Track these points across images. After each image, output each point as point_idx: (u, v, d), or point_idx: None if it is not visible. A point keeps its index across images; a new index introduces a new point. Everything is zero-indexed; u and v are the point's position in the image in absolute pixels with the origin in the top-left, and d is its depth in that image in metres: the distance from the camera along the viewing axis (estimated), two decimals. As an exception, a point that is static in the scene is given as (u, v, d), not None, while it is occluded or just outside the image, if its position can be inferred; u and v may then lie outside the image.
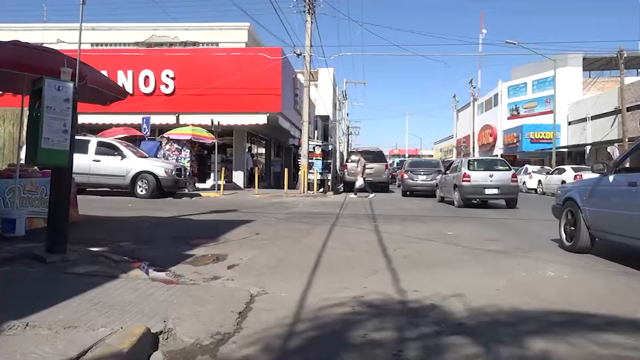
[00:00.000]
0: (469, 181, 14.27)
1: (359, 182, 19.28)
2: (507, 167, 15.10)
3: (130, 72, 21.00)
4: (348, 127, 58.36)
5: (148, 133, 19.27)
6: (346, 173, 23.33)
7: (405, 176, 20.68)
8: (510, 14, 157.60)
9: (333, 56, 34.86)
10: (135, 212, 10.72)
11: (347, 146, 52.33)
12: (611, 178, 5.86)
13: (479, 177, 14.30)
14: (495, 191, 14.22)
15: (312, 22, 20.51)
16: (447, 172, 16.88)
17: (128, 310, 3.27)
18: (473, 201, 14.74)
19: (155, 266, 5.02)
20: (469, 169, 14.65)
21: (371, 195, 18.22)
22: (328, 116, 34.99)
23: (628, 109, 25.59)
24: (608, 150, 25.98)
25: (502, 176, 14.47)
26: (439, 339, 3.01)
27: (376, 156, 23.55)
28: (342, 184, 25.13)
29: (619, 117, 26.71)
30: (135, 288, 3.90)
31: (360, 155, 20.83)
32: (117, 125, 19.99)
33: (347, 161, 24.14)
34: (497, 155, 37.27)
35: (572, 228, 6.50)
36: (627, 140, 24.58)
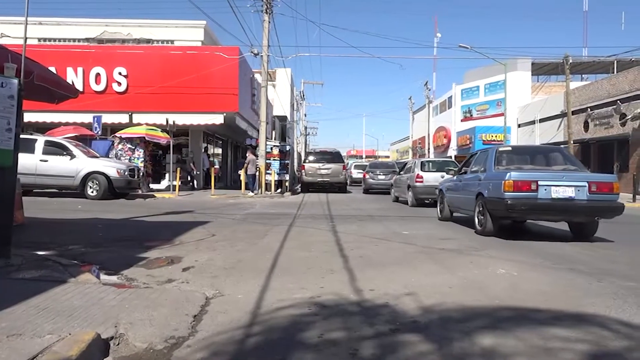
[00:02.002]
0: (422, 182, 14.61)
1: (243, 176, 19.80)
2: (459, 169, 15.56)
3: (80, 69, 20.25)
4: (306, 128, 58.43)
5: (99, 132, 18.66)
6: (304, 173, 23.38)
7: (367, 176, 23.70)
8: (463, 17, 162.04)
9: (291, 56, 34.58)
10: (85, 214, 10.37)
11: (305, 147, 52.36)
12: (455, 177, 10.13)
13: (431, 178, 14.63)
14: None
15: (269, 22, 20.39)
16: (402, 172, 17.20)
17: (77, 316, 3.16)
18: (426, 201, 15.06)
19: (107, 270, 4.87)
20: (422, 170, 15.04)
21: (250, 194, 18.70)
22: (286, 116, 34.92)
23: (573, 112, 26.80)
24: None
25: None
26: (393, 336, 3.06)
27: (334, 157, 23.74)
28: (299, 185, 25.14)
29: (564, 120, 27.93)
30: (85, 293, 3.77)
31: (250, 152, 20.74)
32: (67, 124, 19.29)
33: (304, 162, 24.18)
34: (451, 157, 38.16)
35: (442, 207, 10.74)
36: (572, 142, 25.77)
